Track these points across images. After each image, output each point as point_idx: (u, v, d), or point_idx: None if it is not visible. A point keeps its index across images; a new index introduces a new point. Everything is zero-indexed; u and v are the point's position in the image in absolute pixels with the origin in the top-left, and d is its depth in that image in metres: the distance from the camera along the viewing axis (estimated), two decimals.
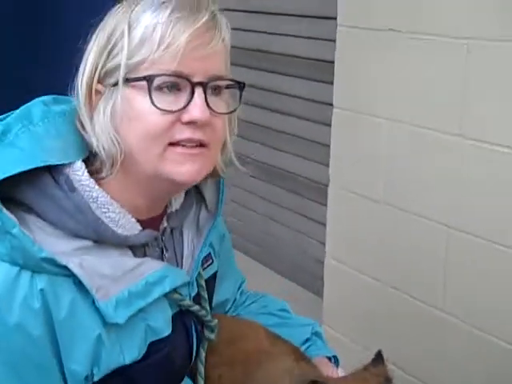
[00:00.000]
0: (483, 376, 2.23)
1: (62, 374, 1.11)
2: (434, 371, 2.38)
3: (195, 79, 1.14)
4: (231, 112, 1.23)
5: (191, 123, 1.14)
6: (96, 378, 1.13)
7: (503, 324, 2.15)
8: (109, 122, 1.16)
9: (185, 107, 1.14)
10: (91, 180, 1.17)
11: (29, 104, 1.21)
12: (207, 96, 1.15)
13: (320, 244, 3.18)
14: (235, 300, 1.63)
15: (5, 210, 1.07)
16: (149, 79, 1.13)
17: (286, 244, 3.64)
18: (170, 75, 1.13)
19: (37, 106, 1.21)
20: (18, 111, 1.19)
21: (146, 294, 1.16)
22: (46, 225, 1.12)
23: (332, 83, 2.68)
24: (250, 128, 3.55)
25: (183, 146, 1.15)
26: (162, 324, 1.21)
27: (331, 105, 2.68)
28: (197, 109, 1.14)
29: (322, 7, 3.03)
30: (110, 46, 1.16)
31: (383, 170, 2.47)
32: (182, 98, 1.14)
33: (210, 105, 1.16)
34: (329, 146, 2.77)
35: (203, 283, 1.37)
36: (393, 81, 2.37)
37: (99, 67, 1.17)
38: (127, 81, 1.15)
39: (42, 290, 1.07)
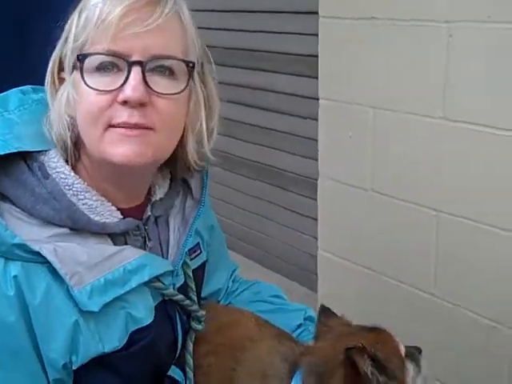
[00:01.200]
0: (476, 357, 2.22)
1: (41, 362, 1.10)
2: (429, 356, 2.37)
3: (133, 58, 1.10)
4: (176, 94, 1.14)
5: (126, 103, 1.10)
6: (75, 367, 1.12)
7: (494, 306, 2.14)
8: (63, 107, 1.15)
9: (120, 87, 1.10)
10: (66, 167, 1.16)
11: (7, 92, 1.22)
12: (147, 75, 1.10)
13: (312, 238, 3.16)
14: (227, 288, 1.62)
15: None
16: (80, 59, 1.11)
17: (278, 240, 3.62)
18: (102, 54, 1.10)
19: (14, 94, 1.22)
20: None
21: (124, 282, 1.15)
22: (21, 212, 1.11)
23: (317, 78, 2.67)
24: (236, 126, 3.54)
25: (122, 127, 1.11)
26: (142, 312, 1.19)
27: (317, 99, 2.67)
28: (129, 88, 1.09)
29: (303, 2, 3.02)
30: (66, 33, 1.15)
31: (370, 158, 2.46)
32: (121, 78, 1.10)
33: (151, 84, 1.11)
34: (316, 140, 2.76)
35: (190, 273, 1.36)
36: (376, 68, 2.36)
37: (59, 55, 1.16)
38: (74, 64, 1.13)
39: (15, 276, 1.06)
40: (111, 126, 1.11)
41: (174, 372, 1.33)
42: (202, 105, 1.22)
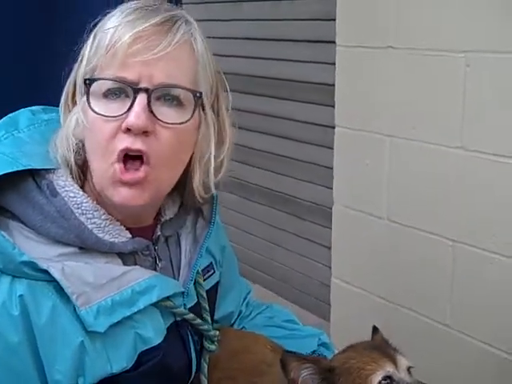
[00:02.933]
0: None
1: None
2: None
3: (140, 85, 1.09)
4: (180, 124, 1.12)
5: (129, 131, 1.09)
6: None
7: (509, 338, 2.11)
8: (70, 130, 1.15)
9: (125, 113, 1.09)
10: (75, 185, 1.16)
11: (16, 112, 1.22)
12: (153, 104, 1.10)
13: (325, 267, 3.14)
14: (240, 312, 1.60)
15: None
16: (87, 83, 1.11)
17: (291, 269, 3.60)
18: (110, 80, 1.10)
19: (24, 114, 1.23)
20: (4, 119, 1.20)
21: (131, 303, 1.13)
22: (29, 231, 1.11)
23: (333, 106, 2.68)
24: (251, 153, 3.55)
25: (123, 166, 1.10)
26: (151, 332, 1.18)
27: (333, 127, 2.68)
28: (133, 114, 1.08)
29: (320, 31, 3.05)
30: (81, 56, 1.16)
31: (386, 187, 2.45)
32: (127, 105, 1.10)
33: (155, 113, 1.10)
34: (331, 168, 2.76)
35: (204, 293, 1.34)
36: (393, 97, 2.37)
37: (74, 77, 1.17)
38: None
39: (21, 295, 1.05)
40: (116, 162, 1.10)
41: None
42: (212, 136, 1.20)
